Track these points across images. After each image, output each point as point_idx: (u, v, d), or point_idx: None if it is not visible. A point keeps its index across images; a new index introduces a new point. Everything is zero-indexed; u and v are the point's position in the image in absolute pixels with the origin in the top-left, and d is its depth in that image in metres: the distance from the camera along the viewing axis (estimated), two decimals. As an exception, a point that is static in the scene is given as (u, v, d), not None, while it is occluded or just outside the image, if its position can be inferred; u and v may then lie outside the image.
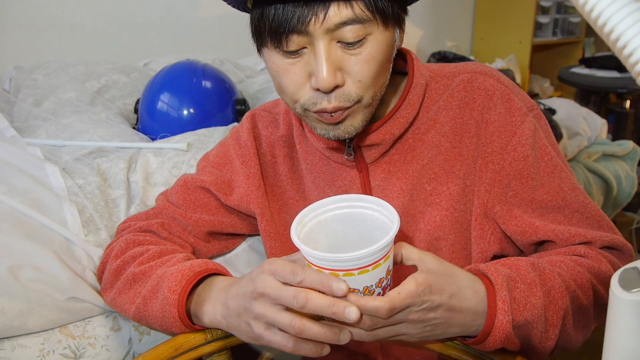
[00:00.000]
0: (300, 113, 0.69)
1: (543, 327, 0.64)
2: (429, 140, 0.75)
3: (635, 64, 0.34)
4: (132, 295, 0.72)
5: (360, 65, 0.63)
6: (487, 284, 0.63)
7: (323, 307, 0.53)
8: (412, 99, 0.73)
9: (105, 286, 0.78)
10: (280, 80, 0.66)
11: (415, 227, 0.76)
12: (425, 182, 0.75)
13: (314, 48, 0.62)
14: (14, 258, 0.76)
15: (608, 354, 0.41)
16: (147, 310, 0.69)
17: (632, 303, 0.38)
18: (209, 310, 0.66)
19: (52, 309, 0.76)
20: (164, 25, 1.94)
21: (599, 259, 0.71)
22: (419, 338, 0.61)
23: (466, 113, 0.74)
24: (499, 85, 0.74)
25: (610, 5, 0.34)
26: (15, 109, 1.28)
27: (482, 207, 0.73)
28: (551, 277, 0.66)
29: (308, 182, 0.82)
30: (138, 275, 0.73)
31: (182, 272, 0.68)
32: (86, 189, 0.91)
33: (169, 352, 0.66)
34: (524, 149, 0.72)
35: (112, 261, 0.77)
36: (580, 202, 0.74)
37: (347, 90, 0.64)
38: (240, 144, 0.84)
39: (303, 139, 0.81)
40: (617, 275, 0.39)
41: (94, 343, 0.79)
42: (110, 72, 1.41)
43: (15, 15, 1.65)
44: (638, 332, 0.38)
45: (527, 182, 0.73)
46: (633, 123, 2.73)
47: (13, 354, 0.74)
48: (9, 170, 0.89)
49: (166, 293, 0.66)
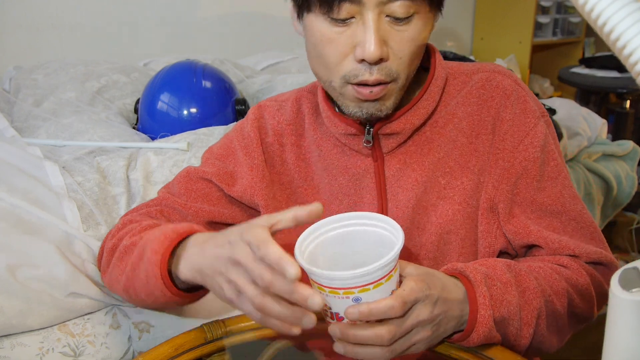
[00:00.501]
0: (336, 87, 0.69)
1: (518, 325, 0.66)
2: (446, 134, 0.76)
3: (635, 64, 0.34)
4: (123, 266, 0.71)
5: (404, 42, 0.65)
6: (465, 282, 0.65)
7: (285, 292, 0.53)
8: (433, 90, 0.75)
9: (103, 268, 0.77)
10: (322, 49, 0.66)
11: (427, 219, 0.76)
12: (440, 176, 0.76)
13: (363, 18, 0.63)
14: (13, 257, 0.76)
15: (608, 354, 0.41)
16: (134, 277, 0.68)
17: (632, 303, 0.38)
18: (185, 266, 0.64)
19: (51, 307, 0.77)
20: (164, 25, 1.94)
21: (580, 271, 0.73)
22: (428, 342, 0.62)
23: (483, 110, 0.75)
24: (516, 87, 0.76)
25: (610, 5, 0.34)
26: (15, 109, 1.28)
27: (489, 202, 0.75)
28: (527, 278, 0.68)
29: (318, 170, 0.81)
30: (129, 247, 0.72)
31: (165, 234, 0.66)
32: (85, 186, 0.92)
33: (169, 352, 0.66)
34: (534, 150, 0.73)
35: (108, 242, 0.77)
36: (577, 211, 0.75)
37: (389, 65, 0.65)
38: (243, 135, 0.83)
39: (317, 126, 0.81)
40: (617, 275, 0.39)
41: (94, 341, 0.79)
42: (110, 72, 1.41)
43: (15, 15, 1.65)
44: (638, 332, 0.38)
45: (531, 183, 0.74)
46: (633, 123, 2.73)
47: (12, 353, 0.74)
48: (8, 170, 0.89)
49: (149, 255, 0.65)
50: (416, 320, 0.58)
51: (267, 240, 0.54)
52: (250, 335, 0.71)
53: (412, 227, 0.77)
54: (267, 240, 0.54)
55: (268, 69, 1.77)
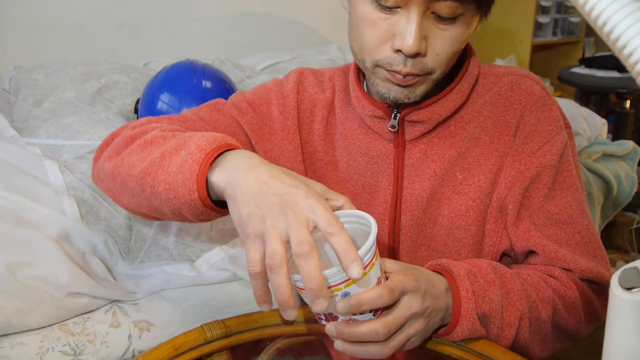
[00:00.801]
0: (368, 67, 0.69)
1: (499, 324, 0.67)
2: (469, 131, 0.76)
3: (635, 64, 0.34)
4: (147, 154, 0.65)
5: (444, 41, 0.65)
6: (448, 277, 0.66)
7: (309, 275, 0.51)
8: (464, 86, 0.75)
9: (109, 154, 0.71)
10: (363, 31, 0.67)
11: (439, 212, 0.77)
12: (458, 170, 0.76)
13: (408, 11, 0.63)
14: (12, 256, 0.76)
15: (608, 354, 0.41)
16: (161, 166, 0.61)
17: (632, 303, 0.38)
18: (222, 173, 0.58)
19: (50, 307, 0.77)
20: (164, 25, 1.94)
21: (569, 284, 0.73)
22: (422, 335, 0.62)
23: (509, 112, 0.76)
24: (544, 94, 0.77)
25: (610, 5, 0.34)
26: (15, 109, 1.28)
27: (499, 202, 0.76)
28: (511, 281, 0.69)
29: (339, 148, 0.81)
30: (159, 138, 0.66)
31: (216, 137, 0.61)
32: (85, 183, 0.92)
33: (169, 352, 0.66)
34: (552, 157, 0.74)
35: (128, 131, 0.72)
36: (584, 225, 0.75)
37: (425, 60, 0.66)
38: (283, 93, 0.83)
39: (345, 104, 0.81)
40: (617, 275, 0.39)
41: (94, 340, 0.79)
42: (110, 72, 1.41)
43: (15, 15, 1.65)
44: (638, 332, 0.38)
45: (542, 190, 0.75)
46: (633, 123, 2.73)
47: (12, 352, 0.74)
48: (8, 168, 0.90)
49: (193, 149, 0.59)
50: (409, 312, 0.58)
51: (344, 230, 0.52)
52: (250, 335, 0.71)
53: (424, 218, 0.77)
54: (343, 230, 0.52)
55: (268, 69, 1.77)
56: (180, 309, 0.87)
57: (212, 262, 0.90)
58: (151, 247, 0.91)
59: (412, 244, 0.78)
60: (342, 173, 0.81)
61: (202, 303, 0.89)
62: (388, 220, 0.79)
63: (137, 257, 0.89)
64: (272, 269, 0.51)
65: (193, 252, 0.91)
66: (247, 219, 0.54)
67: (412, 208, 0.77)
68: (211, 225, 0.93)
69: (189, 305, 0.87)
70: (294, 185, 0.55)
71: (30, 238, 0.80)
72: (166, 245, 0.92)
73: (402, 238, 0.78)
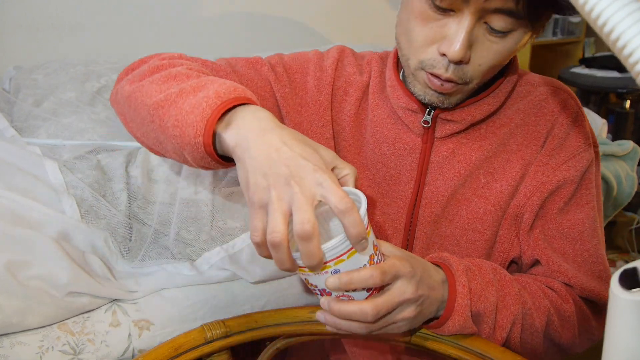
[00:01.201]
0: (411, 65, 0.68)
1: (492, 325, 0.67)
2: (500, 135, 0.76)
3: (635, 64, 0.34)
4: (167, 87, 0.64)
5: (489, 53, 0.65)
6: (446, 270, 0.66)
7: (307, 250, 0.51)
8: (502, 90, 0.75)
9: (132, 78, 0.70)
10: (413, 27, 0.66)
11: (456, 212, 0.77)
12: (482, 174, 0.76)
13: (461, 17, 0.62)
14: (12, 255, 0.76)
15: (608, 354, 0.41)
16: (175, 102, 0.61)
17: (632, 303, 0.38)
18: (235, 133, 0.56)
19: (50, 306, 0.77)
20: (165, 25, 1.94)
21: (567, 299, 0.74)
22: (411, 323, 0.62)
23: (540, 122, 0.76)
24: (577, 109, 0.76)
25: (610, 5, 0.34)
26: (15, 109, 1.28)
27: (516, 209, 0.76)
28: (509, 284, 0.69)
29: (367, 134, 0.81)
30: (183, 74, 0.65)
31: (236, 87, 0.60)
32: (85, 182, 0.92)
33: (169, 352, 0.66)
34: (575, 173, 0.74)
35: (156, 60, 0.71)
36: (593, 244, 0.75)
37: (466, 68, 0.65)
38: (322, 67, 0.81)
39: (378, 91, 0.80)
40: (617, 275, 0.39)
41: (93, 339, 0.79)
42: (110, 72, 1.41)
43: (15, 15, 1.64)
44: (638, 332, 0.38)
45: (558, 203, 0.75)
46: (633, 123, 2.73)
47: (12, 352, 0.74)
48: (7, 168, 0.90)
49: (211, 94, 0.58)
50: (401, 298, 0.58)
51: (354, 208, 0.51)
52: (250, 335, 0.71)
53: (442, 217, 0.77)
54: (354, 207, 0.51)
55: (268, 68, 1.76)
56: (180, 308, 0.87)
57: (213, 261, 0.90)
58: (151, 245, 0.91)
59: (426, 241, 0.78)
60: (366, 159, 0.80)
61: (202, 302, 0.89)
62: (405, 214, 0.78)
63: (137, 255, 0.89)
64: (273, 245, 0.51)
65: (193, 251, 0.91)
66: (253, 188, 0.53)
67: (431, 205, 0.77)
68: (211, 224, 0.93)
69: (189, 305, 0.88)
70: (303, 156, 0.53)
71: (30, 237, 0.80)
72: (166, 244, 0.92)
73: (417, 234, 0.78)
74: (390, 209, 0.79)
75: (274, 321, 0.72)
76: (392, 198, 0.79)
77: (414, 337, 0.69)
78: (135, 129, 0.71)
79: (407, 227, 0.79)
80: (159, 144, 0.66)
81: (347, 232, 0.52)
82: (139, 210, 0.94)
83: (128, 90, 0.69)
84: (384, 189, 0.79)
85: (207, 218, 0.93)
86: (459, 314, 0.64)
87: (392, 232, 0.79)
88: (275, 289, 0.94)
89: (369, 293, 0.58)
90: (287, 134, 0.55)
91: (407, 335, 0.69)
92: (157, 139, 0.65)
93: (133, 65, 0.74)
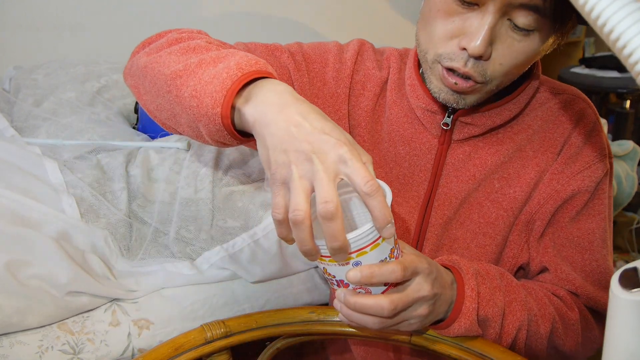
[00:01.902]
0: (428, 59, 0.67)
1: (498, 330, 0.67)
2: (516, 142, 0.76)
3: (635, 64, 0.34)
4: (186, 58, 0.62)
5: (511, 51, 0.63)
6: (456, 273, 0.66)
7: (331, 228, 0.49)
8: (523, 97, 0.74)
9: (149, 50, 0.69)
10: (435, 20, 0.64)
11: (468, 215, 0.76)
12: (496, 180, 0.76)
13: (485, 12, 0.61)
14: (12, 254, 0.76)
15: (608, 354, 0.41)
16: (194, 72, 0.59)
17: (632, 303, 0.38)
18: (255, 107, 0.54)
19: (50, 306, 0.77)
20: (164, 25, 1.93)
21: (572, 307, 0.74)
22: (422, 321, 0.62)
23: (558, 130, 0.75)
24: (596, 119, 0.76)
25: (610, 5, 0.34)
26: (15, 109, 1.28)
27: (528, 216, 0.75)
28: (516, 290, 0.69)
29: (383, 131, 0.80)
30: (203, 47, 0.63)
31: (258, 61, 0.58)
32: (85, 181, 0.92)
33: (169, 352, 0.66)
34: (590, 183, 0.73)
35: (174, 33, 0.70)
36: (602, 254, 0.75)
37: (486, 66, 0.64)
38: (341, 59, 0.80)
39: (396, 88, 0.79)
40: (617, 275, 0.39)
41: (93, 339, 0.79)
42: (110, 72, 1.41)
43: (15, 15, 1.64)
44: (638, 332, 0.38)
45: (570, 213, 0.75)
46: (633, 123, 2.73)
47: (12, 351, 0.74)
48: (7, 167, 0.90)
49: (232, 65, 0.56)
50: (418, 295, 0.58)
51: (380, 190, 0.49)
52: (250, 335, 0.71)
53: (453, 220, 0.77)
54: (379, 190, 0.49)
55: (268, 68, 1.76)
56: (180, 307, 0.87)
57: (213, 261, 0.90)
58: (151, 244, 0.91)
59: (437, 243, 0.78)
60: (379, 156, 0.79)
61: (202, 302, 0.89)
62: (417, 215, 0.78)
63: (138, 254, 0.89)
64: (295, 223, 0.50)
65: (193, 250, 0.91)
66: (274, 165, 0.52)
67: (443, 207, 0.77)
68: (211, 223, 0.93)
69: (189, 304, 0.88)
70: (324, 131, 0.51)
71: (29, 237, 0.80)
72: (166, 242, 0.92)
73: (427, 235, 0.78)
74: (402, 209, 0.79)
75: (274, 321, 0.72)
76: (405, 198, 0.78)
77: (414, 337, 0.69)
78: (149, 101, 0.68)
79: (417, 228, 0.78)
80: (173, 117, 0.64)
81: (373, 215, 0.50)
82: (138, 209, 0.94)
83: (144, 61, 0.67)
84: (397, 189, 0.79)
85: (207, 217, 0.93)
86: (465, 317, 0.64)
87: (403, 233, 0.79)
88: (275, 289, 0.94)
89: (386, 287, 0.58)
90: (307, 108, 0.53)
91: (407, 335, 0.68)
92: (172, 112, 0.63)
93: (150, 39, 0.73)
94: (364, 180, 0.49)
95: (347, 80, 0.79)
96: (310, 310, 0.73)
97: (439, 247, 0.78)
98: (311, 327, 0.72)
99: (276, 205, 0.51)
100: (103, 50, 1.79)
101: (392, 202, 0.77)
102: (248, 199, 0.95)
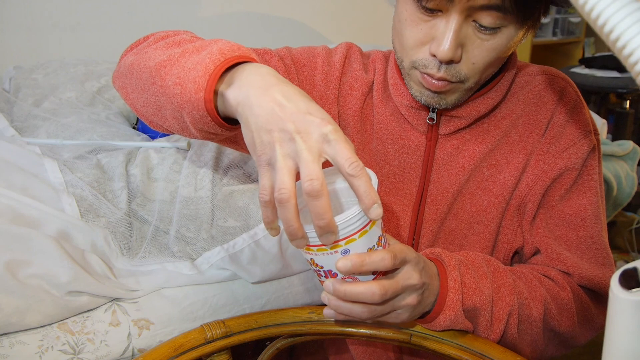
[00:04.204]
0: (405, 67, 0.69)
1: (489, 317, 0.67)
2: (501, 128, 0.76)
3: (635, 64, 0.34)
4: (170, 50, 0.63)
5: (481, 51, 0.64)
6: (439, 265, 0.66)
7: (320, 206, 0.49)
8: (503, 84, 0.75)
9: (136, 50, 0.70)
10: (404, 29, 0.66)
11: (461, 205, 0.77)
12: (485, 167, 0.76)
13: (448, 17, 0.62)
14: (12, 254, 0.76)
15: (608, 354, 0.41)
16: (177, 62, 0.60)
17: (632, 303, 0.38)
18: (237, 88, 0.55)
19: (50, 305, 0.77)
20: (165, 25, 1.94)
21: (564, 287, 0.73)
22: (412, 312, 0.62)
23: (540, 110, 0.76)
24: (576, 96, 0.76)
25: (610, 5, 0.34)
26: (15, 108, 1.28)
27: (519, 199, 0.76)
28: (503, 275, 0.69)
29: (371, 131, 0.81)
30: (187, 40, 0.65)
31: (240, 47, 0.59)
32: (85, 180, 0.92)
33: (169, 352, 0.66)
34: (576, 160, 0.74)
35: (161, 32, 0.71)
36: (596, 231, 0.75)
37: (459, 67, 0.65)
38: (330, 62, 0.82)
39: (382, 89, 0.80)
40: (617, 275, 0.39)
41: (93, 338, 0.79)
42: (110, 72, 1.41)
43: (15, 15, 1.64)
44: (638, 332, 0.38)
45: (559, 191, 0.75)
46: (633, 123, 2.73)
47: (12, 351, 0.74)
48: (7, 167, 0.90)
49: (214, 51, 0.57)
50: (407, 283, 0.58)
51: (364, 170, 0.49)
52: (250, 335, 0.71)
53: (448, 213, 0.77)
54: (364, 170, 0.49)
55: (268, 68, 1.76)
56: (180, 307, 0.87)
57: (213, 261, 0.90)
58: (152, 243, 0.91)
59: (432, 237, 0.78)
60: (368, 155, 0.80)
61: (202, 302, 0.89)
62: (411, 212, 0.79)
63: (138, 253, 0.89)
64: (280, 202, 0.49)
65: (194, 249, 0.91)
66: (259, 146, 0.52)
67: (436, 202, 0.77)
68: (211, 223, 0.93)
69: (189, 304, 0.88)
70: (308, 111, 0.51)
71: (29, 236, 0.80)
72: (167, 242, 0.92)
73: (423, 231, 0.78)
74: (396, 207, 0.79)
75: (274, 321, 0.72)
76: (397, 196, 0.79)
77: (414, 337, 0.69)
78: (135, 99, 0.69)
79: (412, 225, 0.79)
80: (159, 111, 0.64)
81: (358, 195, 0.49)
82: (138, 208, 0.94)
83: (131, 60, 0.68)
84: (388, 187, 0.79)
85: (207, 216, 0.93)
86: (450, 309, 0.64)
87: (398, 230, 0.79)
88: (275, 289, 0.94)
89: (374, 277, 0.58)
90: (291, 89, 0.53)
91: (407, 335, 0.69)
92: (157, 105, 0.63)
93: (137, 42, 0.74)
94: (349, 162, 0.49)
95: (335, 82, 0.80)
96: (310, 310, 0.73)
97: (435, 241, 0.78)
98: (311, 327, 0.72)
99: (262, 187, 0.51)
100: (103, 50, 1.79)
101: (385, 199, 0.77)
102: (248, 199, 0.95)
